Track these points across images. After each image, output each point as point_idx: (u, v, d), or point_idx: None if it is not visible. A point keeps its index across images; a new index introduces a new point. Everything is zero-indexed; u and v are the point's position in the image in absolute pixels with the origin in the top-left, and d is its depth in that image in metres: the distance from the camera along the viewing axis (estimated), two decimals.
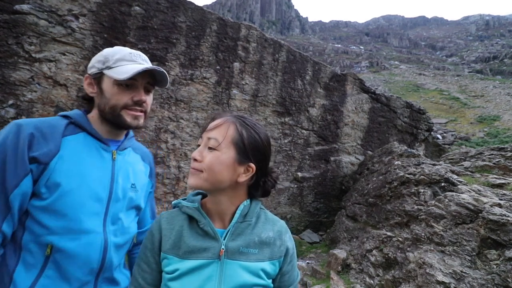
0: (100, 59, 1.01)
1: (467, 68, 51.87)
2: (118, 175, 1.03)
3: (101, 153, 1.01)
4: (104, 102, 0.99)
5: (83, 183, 0.92)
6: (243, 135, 0.85)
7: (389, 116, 7.44)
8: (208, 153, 0.85)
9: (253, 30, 5.76)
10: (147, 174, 1.21)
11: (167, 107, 5.14)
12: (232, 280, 0.80)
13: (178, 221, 0.88)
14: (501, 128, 22.83)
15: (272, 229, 0.91)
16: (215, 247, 0.82)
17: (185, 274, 0.80)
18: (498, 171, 4.34)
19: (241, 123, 0.87)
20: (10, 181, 0.82)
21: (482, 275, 2.66)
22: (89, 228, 0.92)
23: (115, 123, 1.02)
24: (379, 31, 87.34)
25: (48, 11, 4.06)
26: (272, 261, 0.87)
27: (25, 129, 0.87)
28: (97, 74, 1.01)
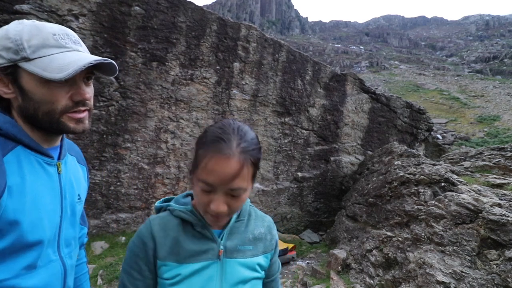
0: (8, 45, 0.69)
1: (467, 68, 51.89)
2: (66, 191, 0.86)
3: (46, 170, 0.79)
4: (32, 106, 0.73)
5: (41, 214, 0.75)
6: (255, 162, 0.78)
7: (389, 116, 7.44)
8: (231, 200, 0.76)
9: (253, 30, 5.76)
10: (85, 178, 1.04)
11: (167, 107, 5.14)
12: (232, 277, 0.84)
13: (172, 227, 0.84)
14: (501, 128, 22.84)
15: (262, 225, 0.95)
16: (214, 248, 0.84)
17: (187, 277, 0.81)
18: (498, 171, 4.34)
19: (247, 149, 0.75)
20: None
21: (482, 275, 2.66)
22: (47, 259, 0.79)
23: (53, 130, 0.79)
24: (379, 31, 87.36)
25: (48, 11, 4.06)
26: (265, 254, 0.92)
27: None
28: (8, 67, 0.71)
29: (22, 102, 0.73)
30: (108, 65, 0.80)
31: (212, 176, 0.73)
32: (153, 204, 5.21)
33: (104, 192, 4.76)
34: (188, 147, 5.41)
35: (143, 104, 4.92)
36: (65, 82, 0.73)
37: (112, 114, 4.72)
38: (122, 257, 4.29)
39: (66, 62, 0.71)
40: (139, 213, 5.10)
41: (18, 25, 0.72)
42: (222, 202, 0.75)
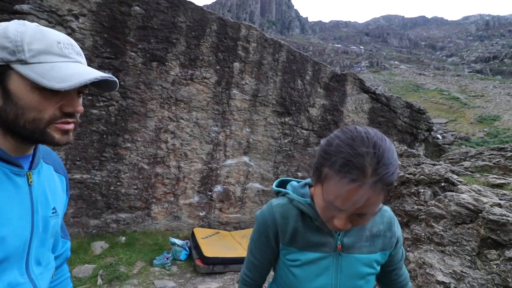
0: (4, 44, 0.65)
1: (467, 68, 51.90)
2: (37, 204, 0.77)
3: (14, 181, 0.71)
4: (14, 111, 0.67)
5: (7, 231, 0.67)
6: (391, 187, 0.68)
7: (389, 116, 7.44)
8: (357, 219, 0.72)
9: (253, 30, 5.76)
10: (64, 189, 0.93)
11: (167, 107, 5.14)
12: (348, 271, 0.86)
13: (292, 217, 0.88)
14: (501, 128, 22.84)
15: (381, 221, 0.91)
16: (332, 242, 0.86)
17: (306, 263, 0.87)
18: (498, 171, 4.34)
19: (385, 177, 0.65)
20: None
21: (482, 275, 2.66)
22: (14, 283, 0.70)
23: (33, 139, 0.72)
24: (379, 31, 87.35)
25: (48, 11, 4.06)
26: (383, 252, 0.91)
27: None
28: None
29: (3, 105, 0.67)
30: (110, 82, 0.76)
31: (340, 202, 0.68)
32: (153, 204, 5.22)
33: (104, 192, 4.76)
34: (188, 147, 5.41)
35: (143, 104, 4.92)
36: (57, 92, 0.68)
37: (112, 114, 4.72)
38: (122, 257, 4.30)
39: (68, 73, 0.68)
40: (139, 213, 5.10)
41: (20, 26, 0.67)
42: (347, 221, 0.72)
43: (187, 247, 4.65)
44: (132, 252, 4.48)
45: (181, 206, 5.43)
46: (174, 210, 5.38)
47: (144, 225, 5.15)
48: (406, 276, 1.04)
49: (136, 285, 3.73)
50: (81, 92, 0.74)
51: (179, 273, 4.18)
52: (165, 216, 5.31)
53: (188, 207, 5.50)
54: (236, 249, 4.62)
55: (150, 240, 4.89)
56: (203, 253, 4.25)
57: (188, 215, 5.51)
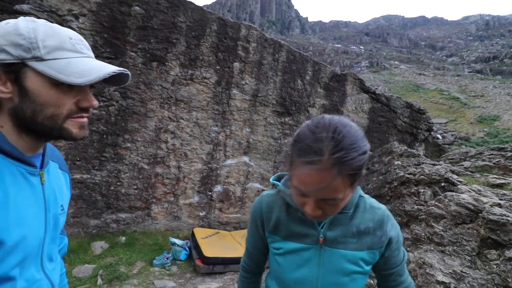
0: (18, 41, 0.64)
1: (467, 68, 51.89)
2: (49, 203, 0.78)
3: (29, 181, 0.72)
4: (32, 108, 0.67)
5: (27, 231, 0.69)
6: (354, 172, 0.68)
7: (389, 116, 7.44)
8: (327, 206, 0.74)
9: (253, 30, 5.76)
10: (68, 186, 0.95)
11: (167, 107, 5.14)
12: (331, 265, 0.85)
13: (277, 206, 0.91)
14: (501, 128, 22.84)
15: (372, 218, 0.88)
16: (314, 234, 0.86)
17: (288, 253, 0.88)
18: (498, 171, 4.34)
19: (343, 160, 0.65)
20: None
21: (482, 275, 2.66)
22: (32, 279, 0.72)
23: (50, 136, 0.72)
24: (379, 31, 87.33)
25: (48, 11, 4.06)
26: (371, 250, 0.87)
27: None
28: (12, 65, 0.64)
29: (19, 103, 0.67)
30: (122, 76, 0.77)
31: (303, 185, 0.71)
32: (153, 204, 5.22)
33: (104, 192, 4.76)
34: (188, 147, 5.41)
35: (143, 104, 4.92)
36: (73, 87, 0.70)
37: (112, 114, 4.72)
38: (122, 257, 4.30)
39: (86, 68, 0.69)
40: (139, 213, 5.10)
41: (30, 23, 0.67)
42: (315, 208, 0.74)
43: (187, 247, 4.66)
44: (132, 252, 4.48)
45: (181, 206, 5.43)
46: (174, 210, 5.38)
47: (144, 225, 5.15)
48: (408, 285, 0.96)
49: (136, 285, 3.73)
50: (93, 87, 0.75)
51: (179, 273, 4.18)
52: (165, 216, 5.31)
53: (188, 207, 5.50)
54: (236, 249, 4.63)
55: (150, 240, 4.89)
56: (203, 253, 4.25)
57: (188, 215, 5.51)
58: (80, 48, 0.71)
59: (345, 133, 0.69)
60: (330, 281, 0.85)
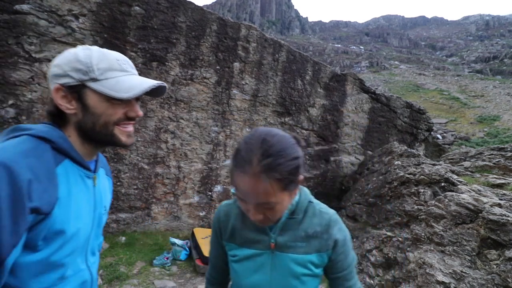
0: (78, 67, 0.79)
1: (467, 68, 51.88)
2: (97, 203, 0.92)
3: (86, 183, 0.87)
4: (91, 120, 0.82)
5: (81, 225, 0.82)
6: (283, 177, 0.74)
7: (389, 116, 7.44)
8: (267, 211, 0.80)
9: (253, 30, 5.76)
10: (110, 190, 1.09)
11: (167, 107, 5.14)
12: (282, 269, 0.90)
13: (233, 215, 0.97)
14: (501, 128, 22.83)
15: (319, 223, 0.94)
16: (266, 240, 0.92)
17: (243, 259, 0.93)
18: (498, 171, 4.34)
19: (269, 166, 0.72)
20: (6, 241, 0.65)
21: (482, 275, 2.66)
22: (77, 268, 0.84)
23: (106, 142, 0.87)
24: (379, 31, 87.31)
25: (48, 11, 4.06)
26: (320, 253, 0.92)
27: (19, 174, 0.67)
28: (75, 86, 0.80)
29: (82, 117, 0.82)
30: (160, 88, 0.91)
31: (239, 192, 0.79)
32: (153, 204, 5.22)
33: None
34: (188, 147, 5.41)
35: (143, 104, 4.92)
36: (122, 100, 0.83)
37: None
38: (122, 257, 4.30)
39: (132, 84, 0.83)
40: (139, 213, 5.10)
41: (86, 50, 0.82)
42: (256, 213, 0.80)
43: (187, 247, 4.66)
44: (132, 252, 4.48)
45: (181, 206, 5.43)
46: (174, 210, 5.38)
47: (144, 225, 5.15)
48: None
49: (136, 285, 3.73)
50: (138, 99, 0.90)
51: (179, 273, 4.18)
52: (165, 216, 5.31)
53: (188, 207, 5.50)
54: None
55: (150, 240, 4.89)
56: (203, 253, 4.25)
57: (188, 215, 5.51)
58: (125, 67, 0.86)
59: (273, 142, 0.75)
60: (282, 285, 0.89)
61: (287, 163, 0.75)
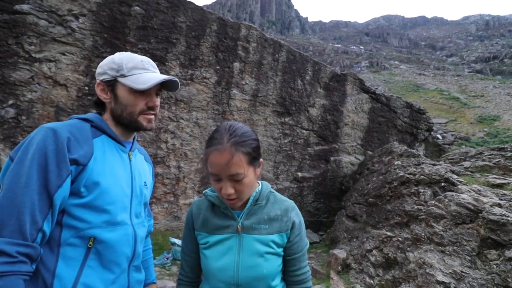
0: (113, 66, 1.06)
1: (467, 68, 51.87)
2: (135, 174, 1.13)
3: (121, 154, 1.10)
4: (121, 108, 1.07)
5: (115, 181, 1.02)
6: (248, 151, 0.98)
7: (389, 116, 7.44)
8: (237, 184, 0.98)
9: (253, 30, 5.76)
10: (151, 174, 1.32)
11: (167, 107, 5.14)
12: (248, 249, 1.03)
13: (204, 207, 1.13)
14: (501, 128, 22.82)
15: (279, 208, 1.11)
16: (234, 225, 1.06)
17: (214, 244, 1.07)
18: (498, 171, 4.34)
19: (237, 142, 0.96)
20: (53, 182, 0.87)
21: (482, 275, 2.66)
22: (122, 221, 1.03)
23: (131, 127, 1.12)
24: (379, 31, 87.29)
25: (48, 11, 4.06)
26: (280, 233, 1.07)
27: (61, 133, 0.92)
28: (110, 81, 1.07)
29: (114, 105, 1.08)
30: (173, 82, 1.12)
31: (213, 168, 0.96)
32: (153, 204, 5.23)
33: None
34: (188, 147, 5.41)
35: None
36: (143, 93, 1.07)
37: None
38: None
39: (148, 78, 1.06)
40: None
41: (120, 55, 1.09)
42: (229, 187, 0.97)
43: None
44: None
45: (181, 206, 5.43)
46: (174, 210, 5.38)
47: None
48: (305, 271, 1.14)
49: None
50: (157, 94, 1.13)
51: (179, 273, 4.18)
52: (165, 216, 5.31)
53: (188, 207, 5.50)
54: None
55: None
56: None
57: None
58: (147, 67, 1.10)
59: (237, 127, 1.00)
60: (247, 264, 1.02)
61: (250, 142, 0.99)
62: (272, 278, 1.05)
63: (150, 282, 1.34)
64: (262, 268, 1.02)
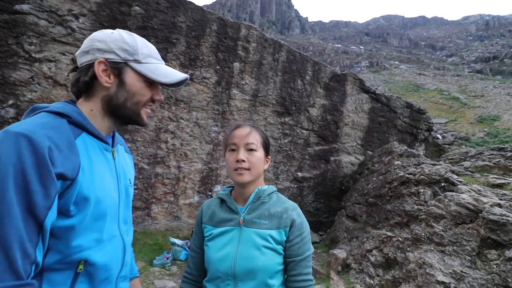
0: (124, 47, 0.90)
1: (467, 68, 51.86)
2: (120, 175, 1.01)
3: (105, 155, 0.94)
4: (125, 96, 0.91)
5: (105, 191, 0.89)
6: (264, 137, 1.19)
7: (389, 116, 7.44)
8: (249, 155, 1.13)
9: (253, 30, 5.76)
10: (132, 166, 1.22)
11: (167, 107, 5.14)
12: (246, 241, 1.09)
13: (214, 204, 1.24)
14: (501, 128, 22.82)
15: (281, 206, 1.17)
16: (236, 218, 1.15)
17: (216, 236, 1.14)
18: (498, 171, 4.33)
19: (259, 129, 1.20)
20: (40, 203, 0.70)
21: (482, 275, 2.66)
22: (112, 234, 0.92)
23: (128, 119, 0.96)
24: (379, 31, 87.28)
25: (48, 11, 4.06)
26: (279, 229, 1.12)
27: (38, 141, 0.72)
28: (118, 63, 0.89)
29: (115, 91, 0.91)
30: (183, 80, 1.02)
31: (234, 139, 1.14)
32: (153, 204, 5.23)
33: None
34: (188, 147, 5.41)
35: None
36: (151, 84, 0.95)
37: None
38: None
39: (168, 72, 0.96)
40: (139, 213, 5.10)
41: (130, 35, 0.95)
42: (242, 153, 1.12)
43: (187, 247, 4.65)
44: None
45: (181, 206, 5.43)
46: (174, 210, 5.38)
47: (144, 225, 5.15)
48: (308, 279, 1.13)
49: None
50: None
51: (179, 273, 4.18)
52: (165, 216, 5.31)
53: (188, 207, 5.50)
54: None
55: (150, 240, 4.88)
56: None
57: (188, 215, 5.50)
58: (160, 57, 0.99)
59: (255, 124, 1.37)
60: (245, 255, 1.07)
61: (265, 135, 1.22)
62: (268, 274, 1.07)
63: (134, 276, 1.27)
64: (258, 261, 1.06)
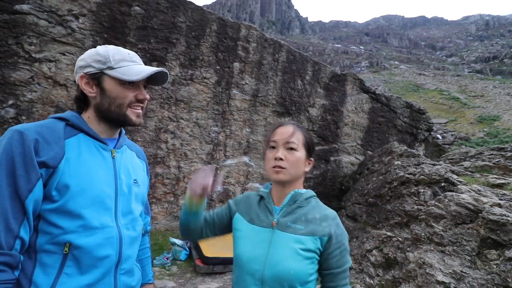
0: (98, 58, 1.01)
1: (467, 68, 51.85)
2: (120, 172, 1.08)
3: (101, 152, 1.05)
4: (108, 101, 1.03)
5: (90, 183, 0.97)
6: (307, 138, 1.14)
7: (389, 116, 7.44)
8: (288, 154, 1.09)
9: (253, 30, 5.76)
10: (144, 171, 1.28)
11: (167, 107, 5.14)
12: (278, 245, 1.04)
13: (253, 198, 1.21)
14: (501, 128, 22.81)
15: (319, 212, 1.11)
16: (270, 219, 1.11)
17: (247, 234, 1.12)
18: (498, 171, 4.34)
19: (303, 129, 1.16)
20: (23, 186, 0.85)
21: (482, 275, 2.66)
22: (103, 224, 0.98)
23: (118, 121, 1.07)
24: (379, 31, 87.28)
25: (48, 11, 4.06)
26: (314, 236, 1.05)
27: (28, 135, 0.88)
28: (95, 74, 1.02)
29: (100, 99, 1.03)
30: (162, 76, 1.11)
31: (275, 136, 1.12)
32: (153, 204, 5.23)
33: None
34: (188, 147, 5.41)
35: None
36: (132, 85, 1.04)
37: None
38: None
39: (139, 70, 1.04)
40: None
41: (104, 47, 1.05)
42: (281, 151, 1.09)
43: (187, 247, 4.65)
44: None
45: (181, 206, 5.42)
46: (174, 210, 5.38)
47: None
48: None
49: None
50: (145, 87, 1.11)
51: (179, 273, 4.18)
52: (165, 216, 5.31)
53: None
54: None
55: (150, 240, 4.88)
56: (203, 253, 4.25)
57: None
58: (135, 59, 1.07)
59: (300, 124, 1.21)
60: (275, 259, 1.02)
61: (310, 137, 1.16)
62: (299, 282, 1.00)
63: (146, 282, 1.31)
64: (289, 268, 1.00)
